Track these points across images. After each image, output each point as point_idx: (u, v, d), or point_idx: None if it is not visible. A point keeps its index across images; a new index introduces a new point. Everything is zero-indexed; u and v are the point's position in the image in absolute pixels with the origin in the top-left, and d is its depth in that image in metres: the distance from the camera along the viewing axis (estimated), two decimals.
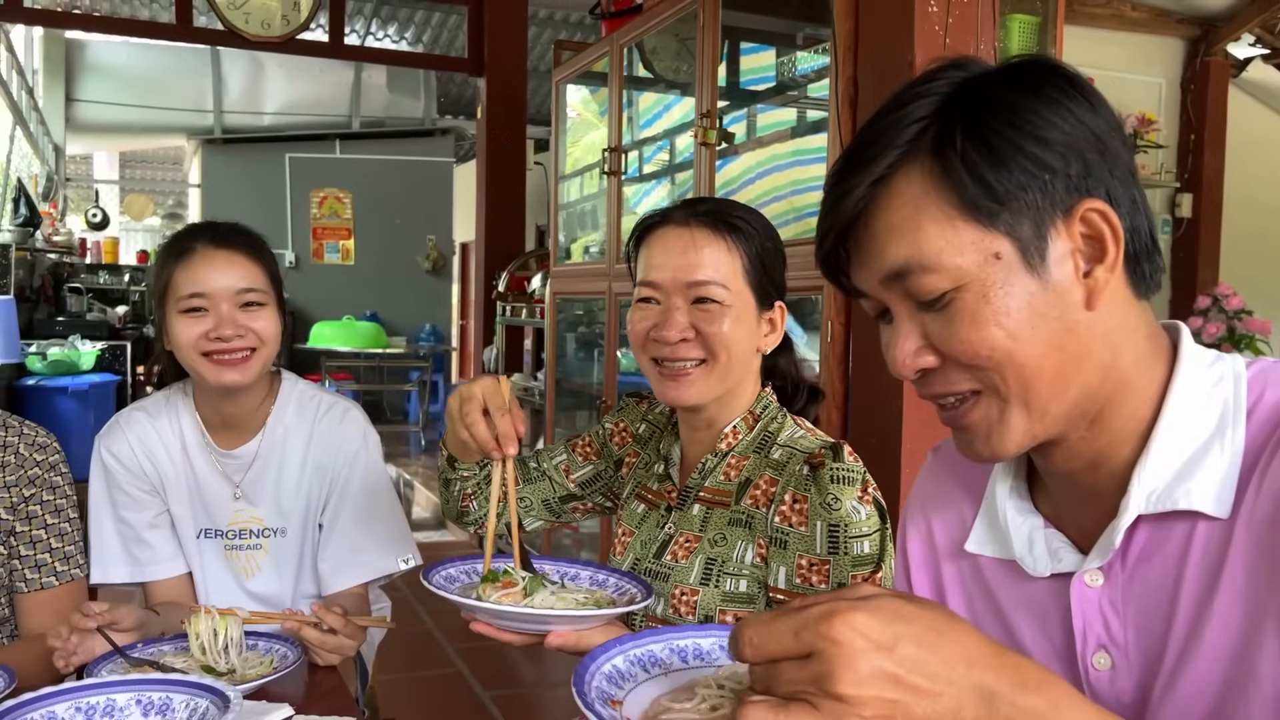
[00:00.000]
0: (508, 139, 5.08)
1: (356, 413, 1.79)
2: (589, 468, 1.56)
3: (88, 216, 8.83)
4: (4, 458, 1.62)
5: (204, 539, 1.72)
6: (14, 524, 1.60)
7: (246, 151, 9.51)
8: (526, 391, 4.81)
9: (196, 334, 1.58)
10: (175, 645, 1.48)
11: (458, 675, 3.30)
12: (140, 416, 1.72)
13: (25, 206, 6.49)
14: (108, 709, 1.24)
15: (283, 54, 5.61)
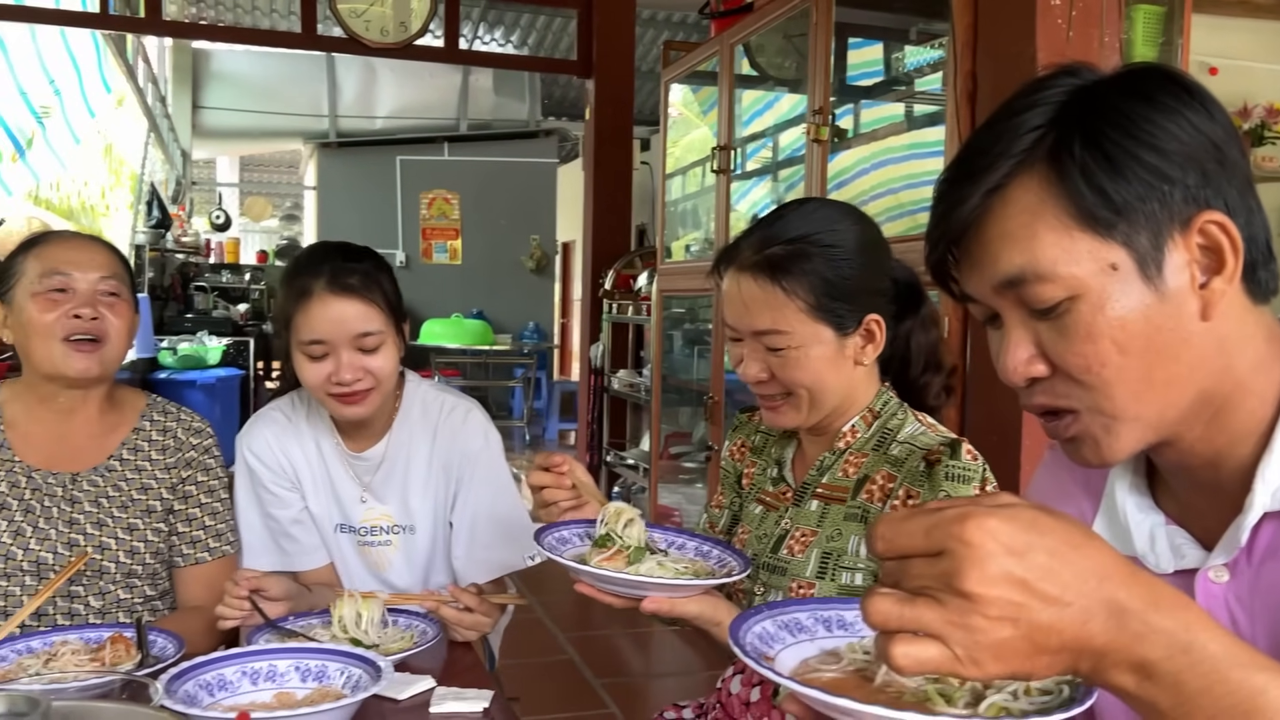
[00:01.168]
0: (615, 139, 5.15)
1: (478, 413, 1.85)
2: (726, 512, 1.61)
3: (211, 218, 9.25)
4: (164, 441, 1.74)
5: (340, 533, 1.81)
6: (173, 503, 1.72)
7: (359, 154, 9.81)
8: (632, 388, 4.88)
9: (320, 377, 1.63)
10: (323, 620, 1.58)
11: (569, 662, 3.38)
12: (277, 416, 1.80)
13: (157, 209, 6.85)
14: (269, 673, 1.33)
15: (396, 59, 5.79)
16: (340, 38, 4.70)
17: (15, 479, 1.63)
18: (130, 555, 1.65)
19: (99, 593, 1.63)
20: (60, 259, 1.64)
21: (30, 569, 1.59)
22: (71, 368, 1.62)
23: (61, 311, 1.60)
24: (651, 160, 7.82)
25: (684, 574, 1.29)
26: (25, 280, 1.63)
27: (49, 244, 1.68)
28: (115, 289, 1.65)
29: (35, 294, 1.61)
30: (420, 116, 9.82)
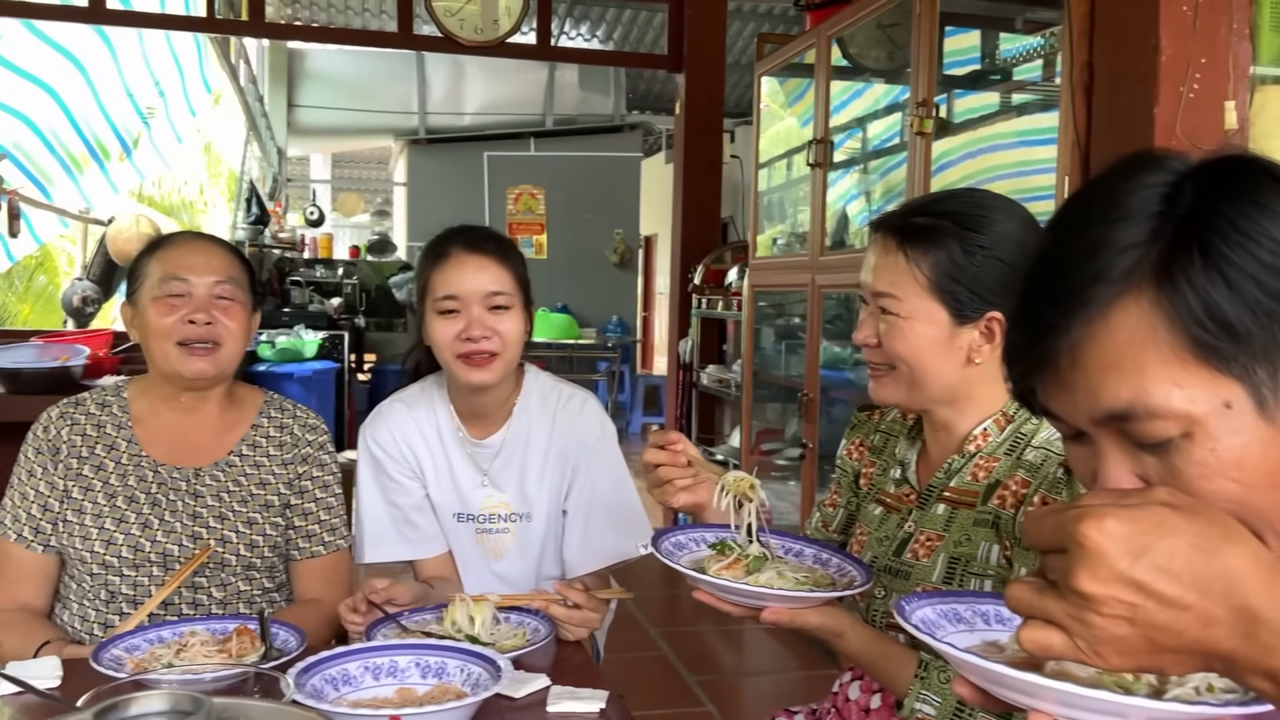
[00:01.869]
0: (705, 133, 5.12)
1: (594, 403, 1.88)
2: (841, 511, 1.59)
3: (306, 214, 9.47)
4: (281, 438, 1.79)
5: (458, 522, 1.84)
6: (290, 498, 1.77)
7: (448, 151, 9.95)
8: (721, 383, 4.85)
9: (451, 334, 1.69)
10: (435, 615, 1.60)
11: (663, 659, 3.38)
12: (399, 407, 1.85)
13: (256, 206, 7.04)
14: (391, 669, 1.36)
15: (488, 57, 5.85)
16: (435, 36, 4.76)
17: (143, 473, 1.69)
18: (250, 549, 1.70)
19: (221, 584, 1.68)
20: (177, 264, 1.69)
21: (158, 560, 1.65)
22: (187, 370, 1.67)
23: (177, 316, 1.66)
24: (740, 153, 7.77)
25: (803, 583, 1.27)
26: (148, 283, 1.69)
27: (169, 247, 1.73)
28: (230, 293, 1.70)
29: (155, 298, 1.67)
30: (507, 112, 9.91)
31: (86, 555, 1.63)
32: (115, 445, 1.70)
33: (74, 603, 1.67)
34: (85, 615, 1.65)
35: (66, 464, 1.67)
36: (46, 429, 1.70)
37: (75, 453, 1.68)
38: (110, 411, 1.73)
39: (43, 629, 1.61)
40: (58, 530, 1.66)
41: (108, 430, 1.71)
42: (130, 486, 1.67)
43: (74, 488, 1.66)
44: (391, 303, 9.72)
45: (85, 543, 1.63)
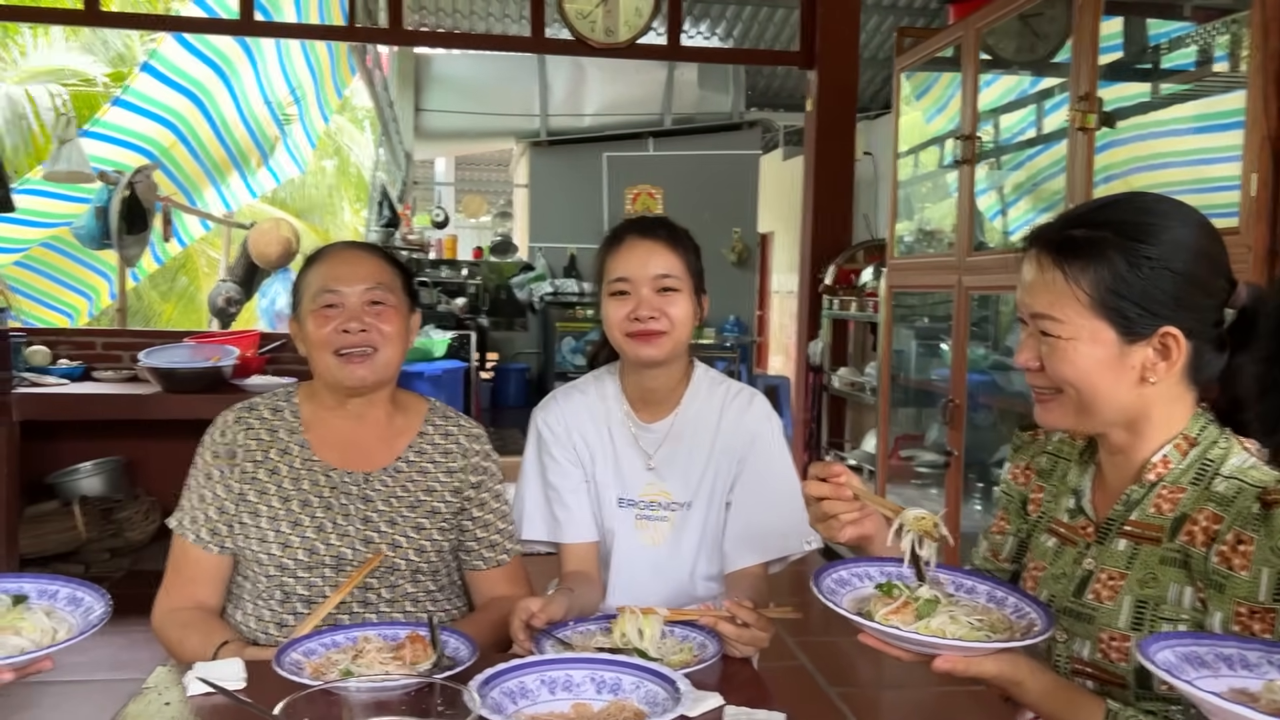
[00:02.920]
0: (837, 131, 5.02)
1: (761, 399, 1.89)
2: (1011, 539, 1.51)
3: (432, 216, 9.69)
4: (446, 446, 1.80)
5: (619, 507, 1.85)
6: (462, 506, 1.78)
7: (568, 152, 10.04)
8: (853, 386, 4.75)
9: (621, 314, 1.74)
10: (601, 626, 1.58)
11: (801, 669, 3.32)
12: (572, 393, 1.90)
13: (387, 208, 7.22)
14: (566, 683, 1.34)
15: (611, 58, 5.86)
16: (566, 40, 4.78)
17: (316, 477, 1.72)
18: (418, 553, 1.72)
19: (390, 587, 1.70)
20: (329, 275, 1.72)
21: (331, 563, 1.67)
22: (347, 378, 1.70)
23: (332, 327, 1.68)
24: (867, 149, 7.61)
25: (979, 629, 1.20)
26: (306, 297, 1.73)
27: (323, 260, 1.76)
28: (381, 297, 1.72)
29: (311, 311, 1.71)
30: (626, 113, 9.94)
31: (264, 558, 1.67)
32: (288, 450, 1.73)
33: (248, 603, 1.70)
34: (260, 615, 1.68)
35: (242, 468, 1.71)
36: (223, 433, 1.75)
37: (250, 457, 1.72)
38: (282, 416, 1.77)
39: (220, 629, 1.65)
40: (234, 533, 1.70)
41: (280, 435, 1.74)
42: (304, 490, 1.70)
43: (249, 491, 1.70)
44: (513, 302, 9.87)
45: (262, 545, 1.67)
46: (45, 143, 7.19)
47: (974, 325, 3.50)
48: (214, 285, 6.22)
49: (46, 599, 1.27)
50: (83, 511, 4.25)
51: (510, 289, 9.87)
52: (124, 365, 4.65)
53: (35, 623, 1.20)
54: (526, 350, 10.08)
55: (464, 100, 9.74)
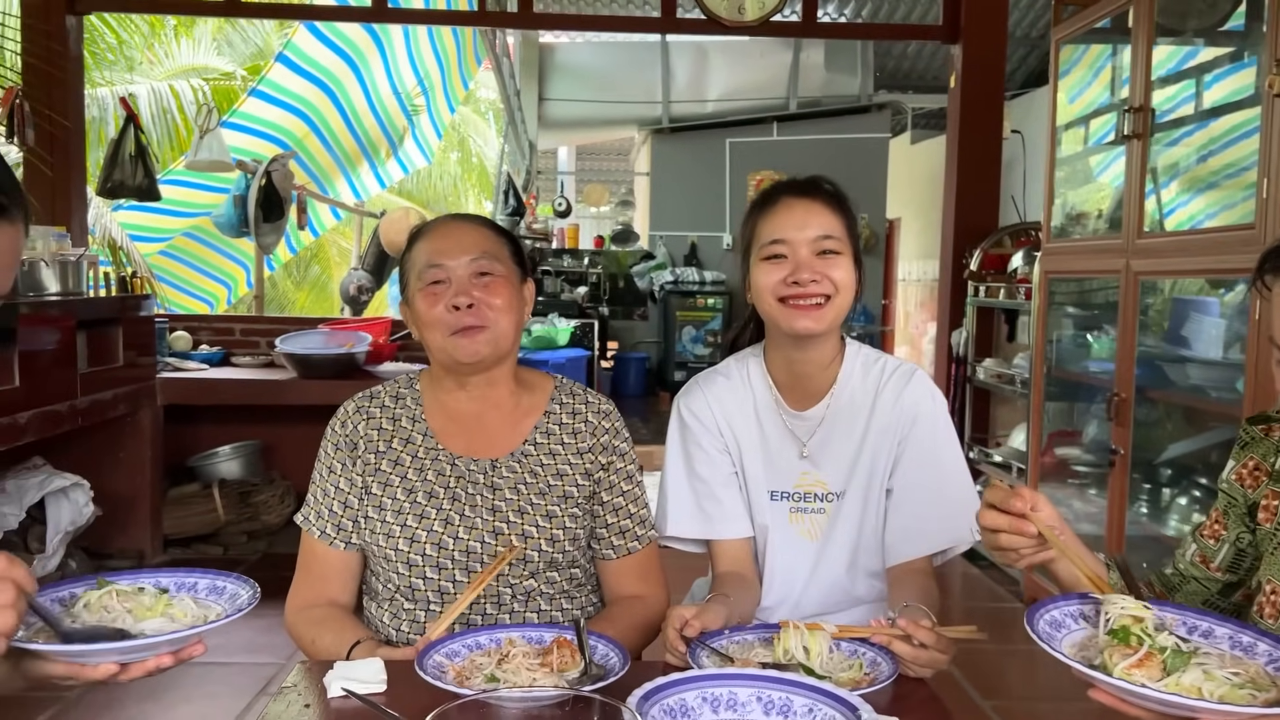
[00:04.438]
0: (983, 108, 4.75)
1: (921, 375, 1.71)
2: (1228, 547, 1.32)
3: (554, 205, 9.70)
4: (574, 425, 1.68)
5: (772, 500, 1.71)
6: (594, 489, 1.66)
7: (690, 139, 9.92)
8: (1000, 379, 4.49)
9: (775, 279, 1.60)
10: (759, 636, 1.45)
11: (950, 677, 3.13)
12: (717, 378, 1.75)
13: (513, 198, 7.23)
14: (730, 701, 1.22)
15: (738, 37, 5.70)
16: (698, 19, 4.66)
17: (441, 467, 1.62)
18: (551, 543, 1.60)
19: (523, 581, 1.60)
20: (433, 250, 1.61)
21: (460, 558, 1.58)
22: (461, 355, 1.59)
23: (442, 304, 1.58)
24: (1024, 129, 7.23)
25: (1240, 684, 1.01)
26: (413, 276, 1.63)
27: (426, 236, 1.66)
28: (489, 267, 1.60)
29: (419, 290, 1.61)
30: (750, 98, 9.75)
31: (391, 553, 1.58)
32: (411, 439, 1.64)
33: (383, 599, 1.63)
34: (395, 612, 1.61)
35: (365, 460, 1.62)
36: (344, 424, 1.66)
37: (372, 448, 1.63)
38: (404, 404, 1.67)
39: (352, 627, 1.57)
40: (359, 528, 1.61)
41: (403, 424, 1.65)
42: (429, 481, 1.61)
43: (373, 483, 1.61)
44: (633, 291, 9.81)
45: (389, 540, 1.58)
46: (188, 136, 7.45)
47: (1142, 313, 3.23)
48: (346, 274, 6.32)
49: (186, 591, 1.24)
50: (222, 494, 4.35)
51: (630, 278, 9.81)
52: (261, 351, 4.74)
53: (185, 609, 1.19)
54: (646, 339, 10.01)
55: (587, 89, 9.70)
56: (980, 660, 3.29)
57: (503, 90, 8.00)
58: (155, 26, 8.31)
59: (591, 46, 9.89)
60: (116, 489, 3.97)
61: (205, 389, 4.31)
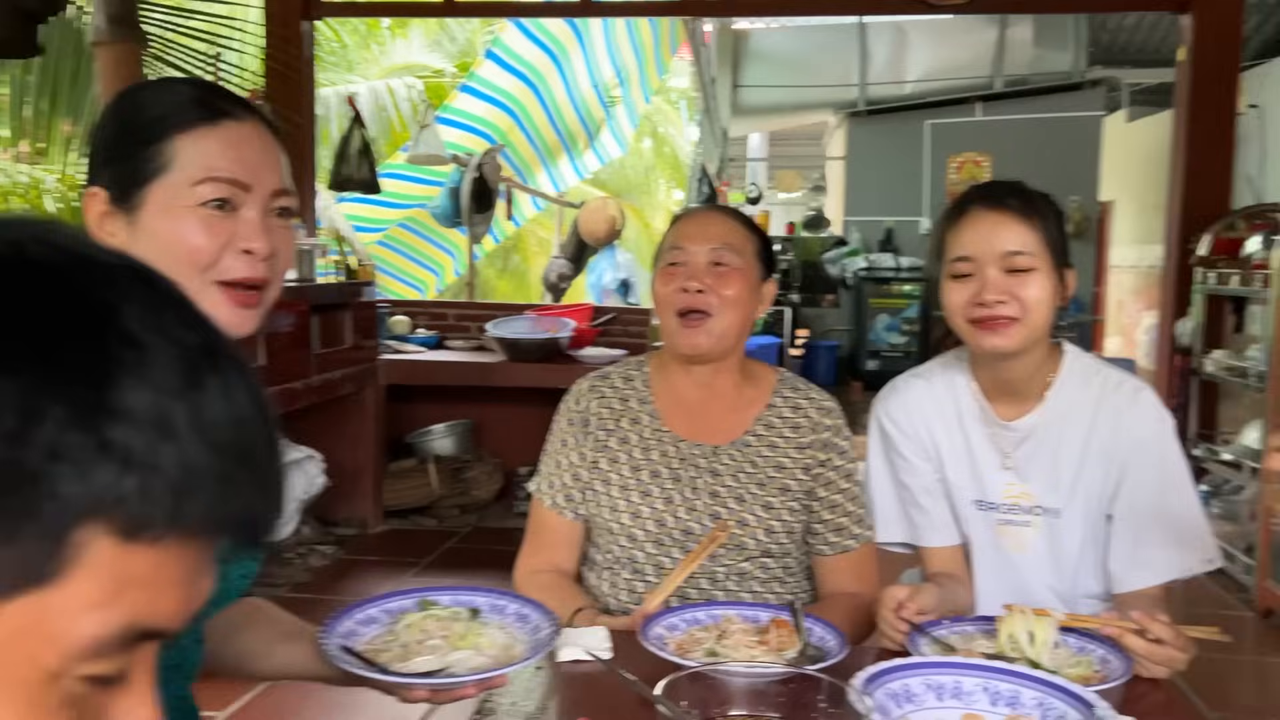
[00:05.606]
0: (1216, 81, 4.41)
1: (1149, 394, 1.60)
2: None
3: (745, 192, 9.69)
4: (796, 420, 1.69)
5: (977, 509, 1.66)
6: (811, 486, 1.67)
7: (887, 122, 9.68)
8: (1230, 371, 4.18)
9: (962, 299, 1.52)
10: (979, 627, 1.43)
11: (1173, 689, 2.96)
12: (916, 383, 1.70)
13: (706, 185, 7.28)
14: (955, 690, 1.21)
15: (946, 15, 5.51)
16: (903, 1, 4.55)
17: (665, 448, 1.67)
18: (768, 533, 1.63)
19: (737, 565, 1.63)
20: (680, 234, 1.67)
21: (679, 537, 1.63)
22: (681, 343, 1.63)
23: (674, 286, 1.62)
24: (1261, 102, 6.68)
25: None
26: (659, 255, 1.69)
27: (680, 219, 1.73)
28: (726, 259, 1.62)
29: (660, 269, 1.66)
30: (951, 77, 9.41)
31: (614, 526, 1.65)
32: (639, 419, 1.70)
33: (602, 570, 1.70)
34: (614, 582, 1.68)
35: (595, 436, 1.70)
36: (578, 401, 1.74)
37: (603, 425, 1.71)
38: (634, 385, 1.74)
39: (575, 595, 1.65)
40: (586, 499, 1.69)
41: (632, 404, 1.72)
42: (653, 461, 1.67)
43: (601, 459, 1.69)
44: (824, 279, 9.68)
45: (613, 514, 1.65)
46: (402, 131, 7.88)
47: None
48: (547, 262, 6.54)
49: (496, 614, 1.29)
50: (436, 469, 4.61)
51: (821, 264, 9.68)
52: (472, 335, 4.98)
53: (491, 639, 1.23)
54: (838, 327, 9.85)
55: (781, 74, 9.63)
56: (1208, 669, 3.09)
57: (698, 79, 8.05)
58: (372, 28, 8.83)
59: (786, 31, 9.80)
60: (343, 462, 4.27)
61: (422, 370, 4.58)
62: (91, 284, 0.45)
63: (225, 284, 1.08)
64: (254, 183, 1.08)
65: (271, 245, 1.09)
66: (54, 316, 0.43)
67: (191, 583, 0.48)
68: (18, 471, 0.41)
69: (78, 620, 0.44)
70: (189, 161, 1.06)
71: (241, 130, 1.09)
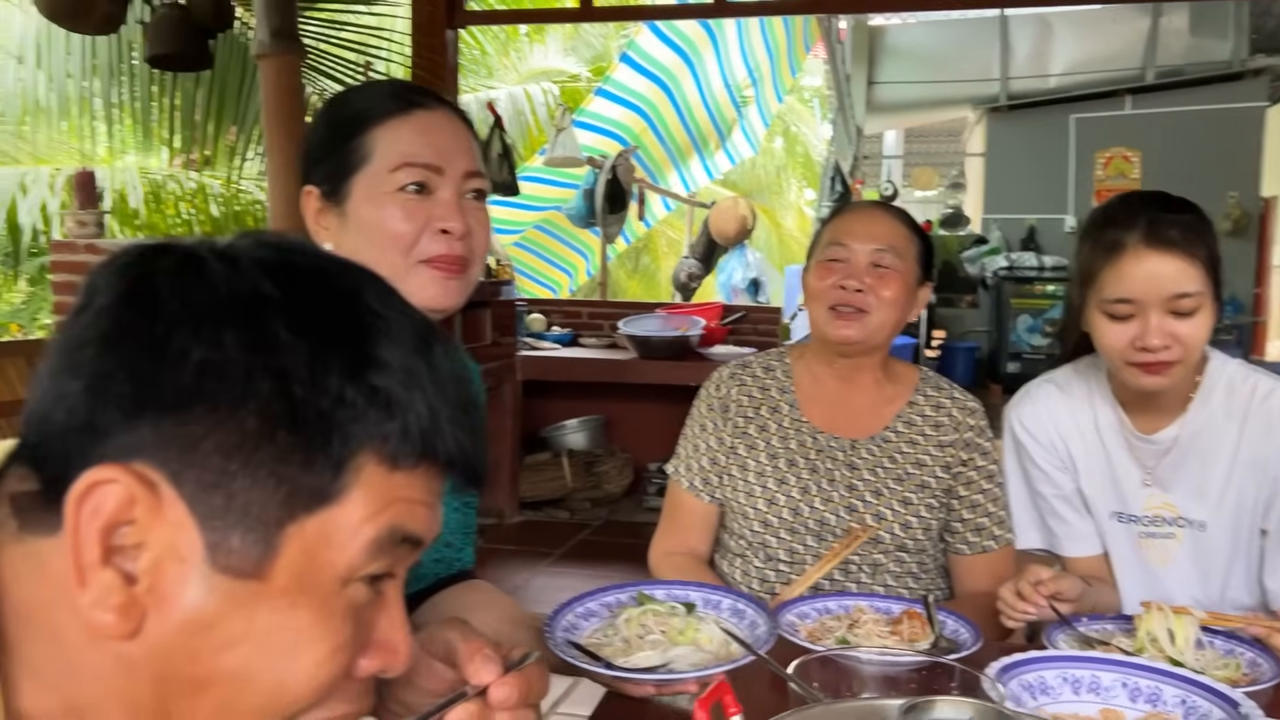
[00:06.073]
0: None
1: None
2: None
3: (880, 190, 9.54)
4: (937, 418, 1.70)
5: (1117, 522, 1.63)
6: (951, 485, 1.67)
7: (1029, 117, 9.36)
8: None
9: (1123, 341, 1.46)
10: (1119, 625, 1.41)
11: None
12: (1051, 390, 1.67)
13: (840, 184, 7.21)
14: (1093, 684, 1.20)
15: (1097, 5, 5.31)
16: None
17: (803, 439, 1.70)
18: (904, 529, 1.64)
19: (871, 560, 1.65)
20: (840, 229, 1.67)
21: (814, 527, 1.65)
22: (833, 335, 1.65)
23: (831, 281, 1.63)
24: None
25: None
26: (817, 248, 1.70)
27: (843, 213, 1.73)
28: (888, 261, 1.63)
29: (817, 262, 1.68)
30: (1098, 70, 9.02)
31: (749, 511, 1.69)
32: (778, 408, 1.74)
33: (734, 555, 1.74)
34: (745, 570, 1.71)
35: (734, 422, 1.74)
36: (718, 387, 1.78)
37: (742, 412, 1.74)
38: (774, 375, 1.77)
39: (708, 578, 1.68)
40: (723, 484, 1.73)
41: (772, 393, 1.75)
42: (790, 450, 1.70)
43: (740, 445, 1.72)
44: (962, 278, 9.44)
45: (748, 499, 1.69)
46: (539, 135, 8.07)
47: None
48: (677, 262, 6.61)
49: (711, 609, 1.32)
50: (569, 463, 4.73)
51: (959, 263, 9.44)
52: (604, 333, 5.09)
53: (710, 634, 1.24)
54: (976, 329, 9.58)
55: (918, 70, 9.43)
56: None
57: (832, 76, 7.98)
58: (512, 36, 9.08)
59: (924, 27, 9.60)
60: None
61: (557, 366, 4.71)
62: (339, 275, 0.59)
63: (427, 263, 1.16)
64: (446, 166, 1.17)
65: (466, 224, 1.18)
66: (320, 299, 0.56)
67: (433, 505, 0.60)
68: (312, 413, 0.54)
69: (358, 530, 0.56)
70: (387, 150, 1.16)
71: (433, 118, 1.18)
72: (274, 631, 0.54)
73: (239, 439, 0.53)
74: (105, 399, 0.53)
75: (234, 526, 0.53)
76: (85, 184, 3.66)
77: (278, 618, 0.54)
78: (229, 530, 0.53)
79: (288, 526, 0.54)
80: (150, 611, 0.53)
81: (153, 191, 6.34)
